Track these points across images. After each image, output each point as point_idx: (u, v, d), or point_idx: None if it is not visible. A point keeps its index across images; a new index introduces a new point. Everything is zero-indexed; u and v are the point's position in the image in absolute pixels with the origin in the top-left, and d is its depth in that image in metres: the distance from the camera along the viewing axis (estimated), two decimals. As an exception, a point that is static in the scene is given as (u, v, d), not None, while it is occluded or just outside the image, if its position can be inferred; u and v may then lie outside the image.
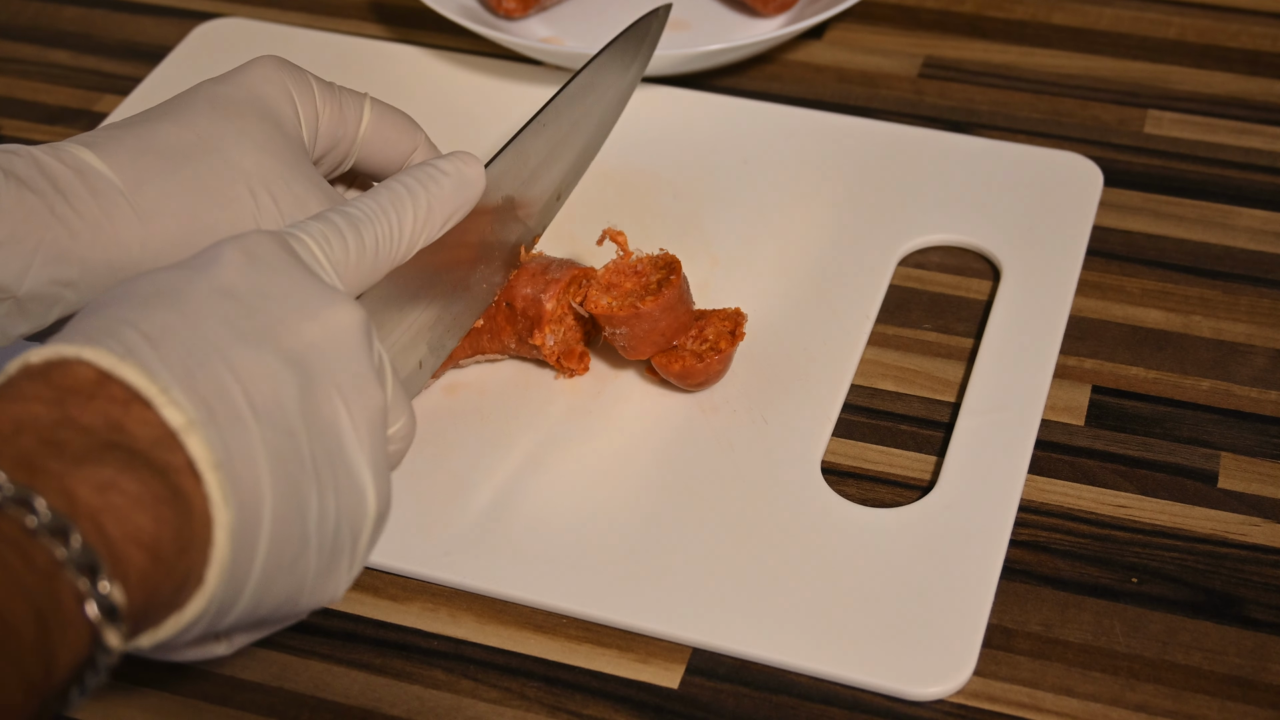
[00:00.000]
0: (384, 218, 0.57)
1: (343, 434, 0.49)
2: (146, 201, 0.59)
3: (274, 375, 0.47)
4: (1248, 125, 0.86)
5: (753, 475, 0.68)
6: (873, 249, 0.78)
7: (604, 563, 0.65)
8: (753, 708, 0.61)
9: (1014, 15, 0.95)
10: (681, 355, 0.69)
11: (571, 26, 0.94)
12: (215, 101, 0.62)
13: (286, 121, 0.63)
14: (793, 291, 0.76)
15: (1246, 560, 0.65)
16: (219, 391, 0.46)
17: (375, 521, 0.51)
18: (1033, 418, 0.69)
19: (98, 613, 0.41)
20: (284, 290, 0.50)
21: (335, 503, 0.49)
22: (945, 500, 0.66)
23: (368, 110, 0.66)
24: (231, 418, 0.45)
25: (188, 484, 0.44)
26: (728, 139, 0.85)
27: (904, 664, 0.61)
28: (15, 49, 0.96)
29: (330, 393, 0.49)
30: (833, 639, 0.62)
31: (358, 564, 0.51)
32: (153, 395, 0.44)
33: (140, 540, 0.42)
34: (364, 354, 0.51)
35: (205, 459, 0.44)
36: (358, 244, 0.55)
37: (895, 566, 0.64)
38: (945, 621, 0.62)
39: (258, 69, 0.64)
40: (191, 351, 0.46)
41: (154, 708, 0.62)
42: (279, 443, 0.46)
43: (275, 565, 0.47)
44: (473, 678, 0.62)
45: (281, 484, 0.46)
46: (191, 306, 0.48)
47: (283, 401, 0.47)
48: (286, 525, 0.47)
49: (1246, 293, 0.76)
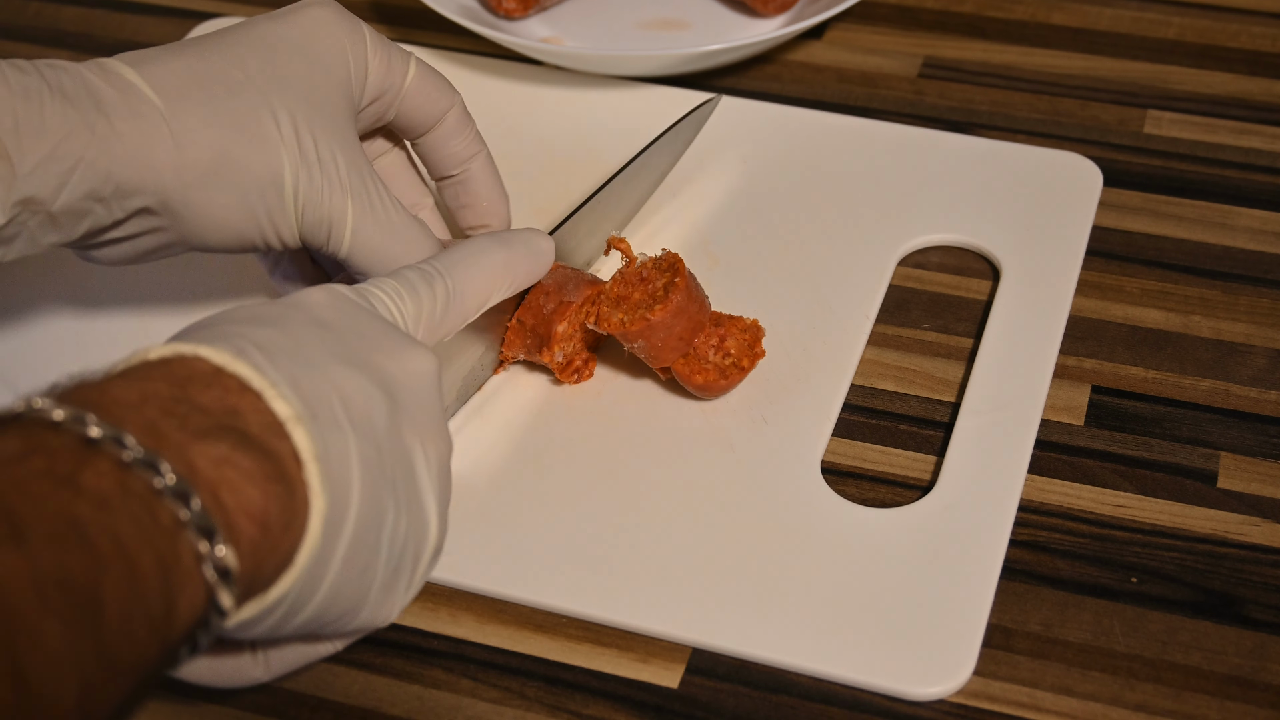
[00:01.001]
0: (455, 274, 0.60)
1: (417, 464, 0.52)
2: (184, 128, 0.61)
3: (367, 393, 0.50)
4: (1248, 125, 0.86)
5: (753, 475, 0.68)
6: (872, 249, 0.78)
7: (604, 562, 0.65)
8: (753, 708, 0.61)
9: (1014, 15, 0.95)
10: (705, 368, 0.69)
11: (571, 27, 0.94)
12: (268, 41, 0.64)
13: (335, 71, 0.65)
14: (792, 291, 0.76)
15: (1246, 560, 0.65)
16: (319, 397, 0.49)
17: (433, 552, 0.53)
18: (1032, 418, 0.69)
19: (214, 573, 0.43)
20: (369, 330, 0.54)
21: (406, 522, 0.51)
22: (945, 500, 0.66)
23: (413, 67, 0.68)
24: (330, 420, 0.48)
25: (291, 469, 0.46)
26: (727, 139, 0.85)
27: (903, 664, 0.61)
28: (15, 49, 0.96)
29: (408, 425, 0.52)
30: (832, 639, 0.62)
31: (414, 588, 0.53)
32: (264, 388, 0.47)
33: (251, 513, 0.44)
34: (436, 399, 0.54)
35: (308, 449, 0.47)
36: (430, 298, 0.58)
37: (895, 567, 0.64)
38: (945, 622, 0.62)
39: (315, 12, 0.66)
40: (295, 361, 0.49)
41: (154, 708, 0.62)
42: (367, 452, 0.49)
43: (350, 566, 0.49)
44: (473, 678, 0.62)
45: (367, 489, 0.49)
46: (292, 329, 0.51)
47: (373, 417, 0.50)
48: (365, 529, 0.49)
49: (1246, 293, 0.76)
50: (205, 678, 0.55)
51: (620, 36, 0.93)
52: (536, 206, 0.81)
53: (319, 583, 0.48)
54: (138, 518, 0.42)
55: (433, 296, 0.58)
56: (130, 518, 0.41)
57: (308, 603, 0.48)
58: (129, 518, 0.41)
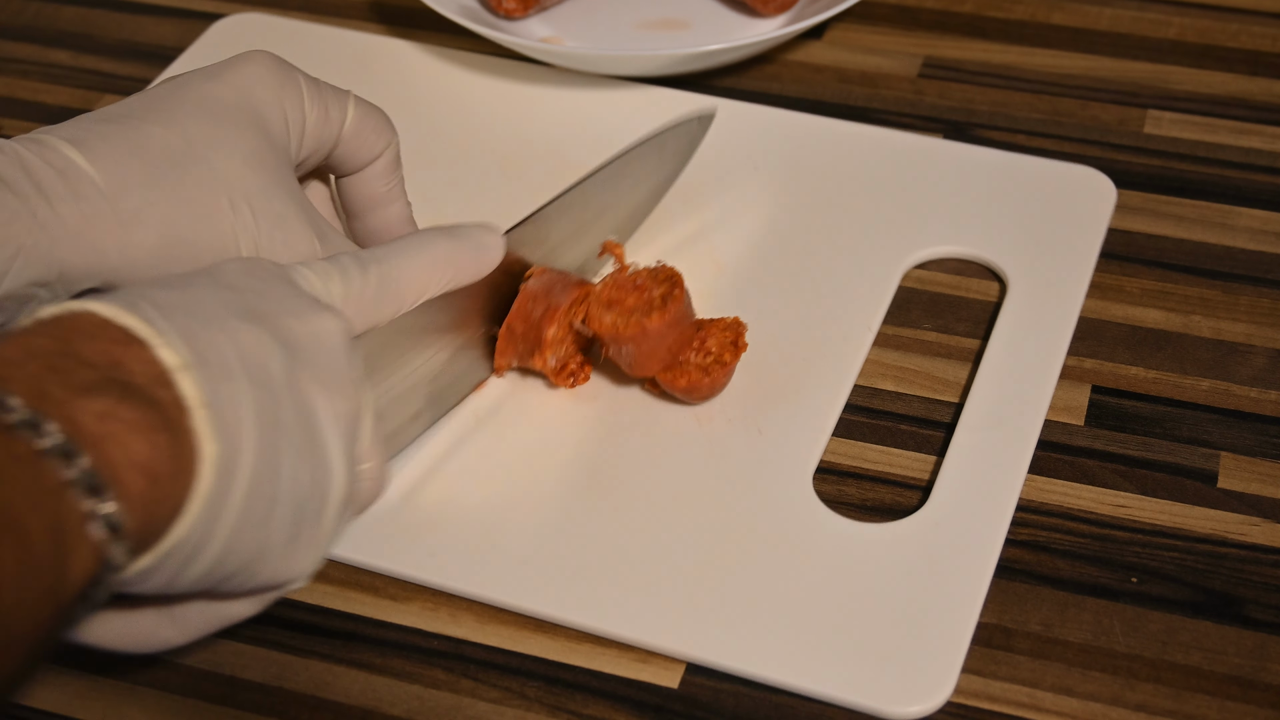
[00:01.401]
0: (392, 260, 0.58)
1: (318, 414, 0.51)
2: (128, 208, 0.60)
3: (263, 345, 0.50)
4: (1248, 125, 0.86)
5: (744, 486, 0.67)
6: (879, 259, 0.77)
7: (593, 572, 0.64)
8: (753, 707, 0.61)
9: (1014, 15, 0.95)
10: (687, 370, 0.68)
11: (571, 26, 0.94)
12: (205, 103, 0.63)
13: (274, 128, 0.64)
14: (795, 301, 0.75)
15: (1246, 560, 0.65)
16: (212, 347, 0.48)
17: (338, 505, 0.52)
18: (1030, 435, 0.69)
19: (104, 531, 0.43)
20: (276, 293, 0.53)
21: (307, 472, 0.50)
22: (936, 516, 0.65)
23: (351, 109, 0.67)
24: (221, 369, 0.48)
25: (179, 418, 0.46)
26: (732, 143, 0.84)
27: (883, 683, 0.60)
28: (15, 49, 0.96)
29: (310, 378, 0.51)
30: (814, 656, 0.61)
31: (318, 546, 0.52)
32: (149, 337, 0.46)
33: (138, 465, 0.44)
34: (345, 359, 0.53)
35: (195, 396, 0.46)
36: (360, 280, 0.57)
37: (881, 584, 0.63)
38: (927, 641, 0.61)
39: (250, 68, 0.64)
40: (191, 314, 0.49)
41: (154, 708, 0.62)
42: (263, 400, 0.49)
43: (247, 515, 0.48)
44: (473, 678, 0.62)
45: (262, 437, 0.48)
46: (195, 290, 0.51)
47: (269, 368, 0.50)
48: (261, 477, 0.48)
49: (1246, 293, 0.76)
50: (116, 643, 0.54)
51: (620, 36, 0.93)
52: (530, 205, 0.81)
53: (214, 530, 0.47)
54: (24, 483, 0.41)
55: (364, 280, 0.57)
56: (17, 484, 0.41)
57: (204, 551, 0.47)
58: (16, 484, 0.41)
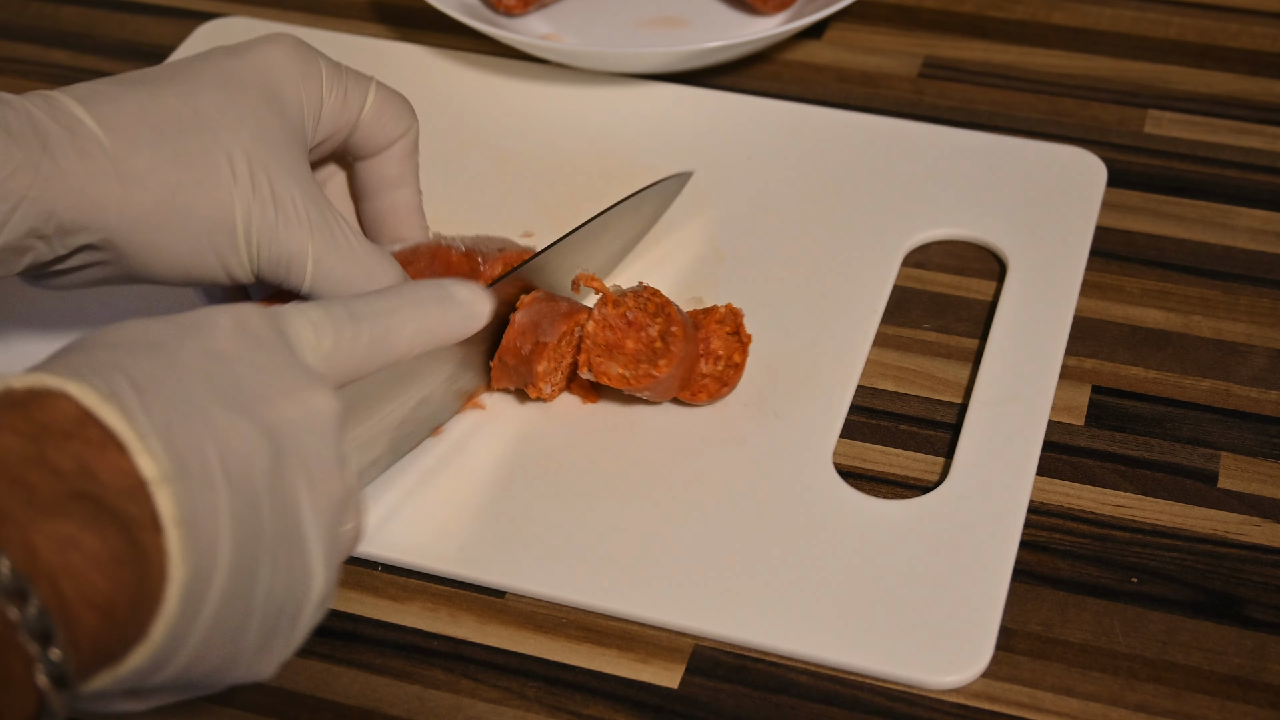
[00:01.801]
0: (385, 322, 0.56)
1: (302, 515, 0.49)
2: (131, 169, 0.60)
3: (249, 443, 0.47)
4: (1248, 125, 0.86)
5: (765, 470, 0.68)
6: (878, 244, 0.78)
7: (618, 558, 0.65)
8: (753, 708, 0.61)
9: (1014, 15, 0.95)
10: (704, 386, 0.69)
11: (571, 24, 0.94)
12: (223, 78, 0.63)
13: (290, 108, 0.64)
14: (799, 286, 0.76)
15: (1246, 560, 0.65)
16: (194, 449, 0.45)
17: (316, 606, 0.50)
18: (1042, 406, 0.70)
19: (46, 680, 0.40)
20: (268, 365, 0.50)
21: (285, 580, 0.48)
22: (958, 490, 0.66)
23: (371, 95, 0.67)
24: (202, 478, 0.45)
25: (148, 538, 0.43)
26: (730, 135, 0.85)
27: (921, 654, 0.61)
28: (15, 49, 0.96)
29: (297, 472, 0.49)
30: (850, 631, 0.62)
31: (292, 645, 0.50)
32: (130, 441, 0.44)
33: (95, 602, 0.41)
34: (333, 442, 0.51)
35: (171, 515, 0.44)
36: (353, 338, 0.54)
37: (909, 558, 0.64)
38: (960, 611, 0.62)
39: (272, 48, 0.65)
40: (174, 404, 0.45)
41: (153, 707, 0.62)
42: (243, 511, 0.46)
43: (217, 631, 0.46)
44: (473, 678, 0.62)
45: (238, 551, 0.46)
46: (179, 361, 0.47)
47: (253, 471, 0.47)
48: (235, 594, 0.46)
49: (1246, 293, 0.76)
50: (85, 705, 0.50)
51: (620, 34, 0.93)
52: (536, 204, 0.81)
53: (179, 650, 0.45)
54: None
55: (355, 339, 0.55)
56: None
57: (167, 665, 0.45)
58: None
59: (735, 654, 0.62)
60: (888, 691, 0.61)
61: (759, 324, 0.72)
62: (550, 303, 0.69)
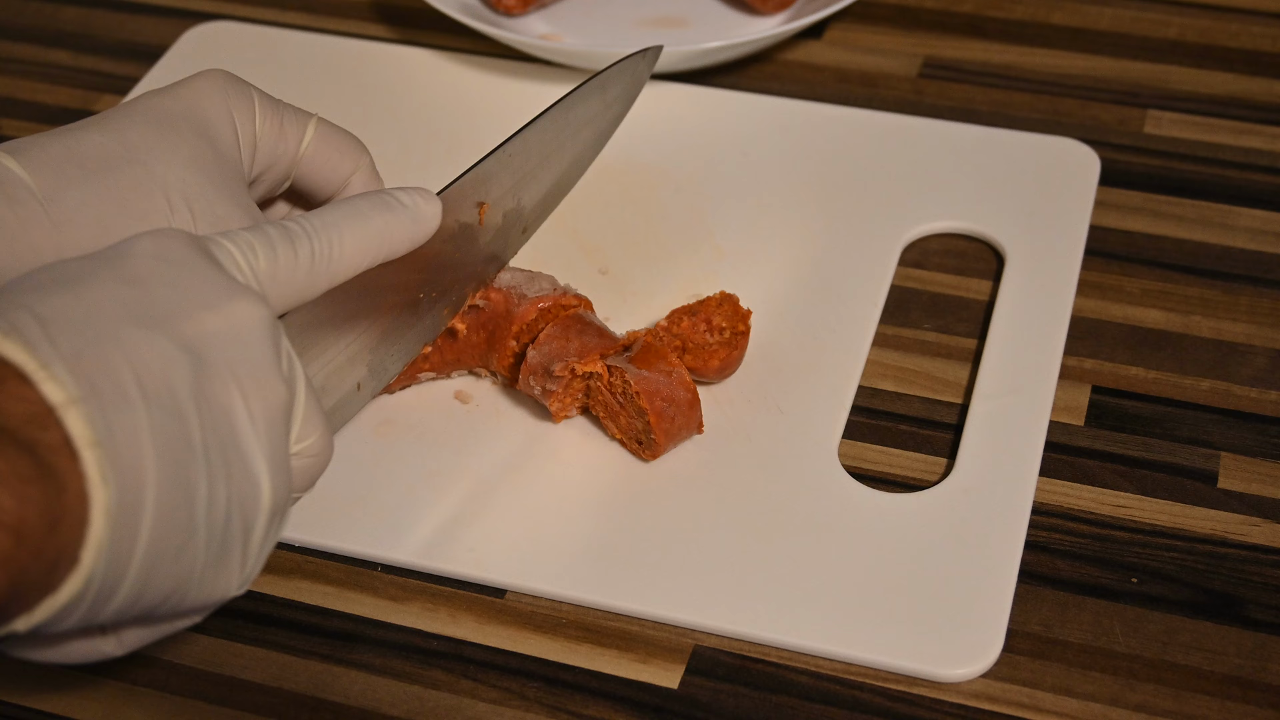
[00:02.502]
0: (324, 235, 0.55)
1: (237, 423, 0.48)
2: (63, 210, 0.59)
3: (166, 358, 0.47)
4: (1248, 125, 0.86)
5: (772, 465, 0.68)
6: (877, 237, 0.79)
7: (627, 554, 0.65)
8: (752, 708, 0.61)
9: (1014, 15, 0.95)
10: (711, 351, 0.70)
11: (571, 24, 0.94)
12: (151, 114, 0.62)
13: (222, 138, 0.63)
14: (799, 281, 0.76)
15: (1246, 560, 0.65)
16: (106, 371, 0.45)
17: (269, 515, 0.50)
18: (1046, 396, 0.70)
19: None
20: (188, 282, 0.50)
21: (226, 491, 0.48)
22: (964, 483, 0.67)
23: (311, 130, 0.66)
24: (117, 397, 0.45)
25: (62, 462, 0.43)
26: (728, 132, 0.85)
27: (931, 647, 0.61)
28: (15, 49, 0.96)
29: (227, 382, 0.48)
30: (859, 624, 0.62)
31: (251, 559, 0.50)
32: (32, 370, 0.44)
33: (2, 521, 0.41)
34: (266, 348, 0.50)
35: (83, 436, 0.43)
36: (289, 256, 0.54)
37: (917, 550, 0.64)
38: (970, 603, 0.63)
39: (201, 83, 0.64)
40: (82, 333, 0.45)
41: (154, 707, 0.62)
42: (167, 426, 0.46)
43: (159, 551, 0.46)
44: (473, 678, 0.62)
45: (167, 467, 0.45)
46: (91, 292, 0.47)
47: (174, 385, 0.47)
48: (171, 510, 0.46)
49: (1246, 293, 0.76)
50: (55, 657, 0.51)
51: (619, 34, 0.93)
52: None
53: (121, 573, 0.45)
54: None
55: (293, 255, 0.54)
56: None
57: (114, 593, 0.45)
58: None
59: (735, 654, 0.62)
60: (887, 692, 0.61)
61: (760, 318, 0.73)
62: (563, 340, 0.68)
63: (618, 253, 0.78)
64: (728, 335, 0.70)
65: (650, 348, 0.68)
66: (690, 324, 0.71)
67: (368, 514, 0.67)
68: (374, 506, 0.67)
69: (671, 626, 0.63)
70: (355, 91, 0.89)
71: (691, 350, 0.70)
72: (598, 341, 0.68)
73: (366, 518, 0.67)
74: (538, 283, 0.70)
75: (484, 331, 0.69)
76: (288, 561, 0.66)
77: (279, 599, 0.65)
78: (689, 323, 0.71)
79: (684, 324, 0.71)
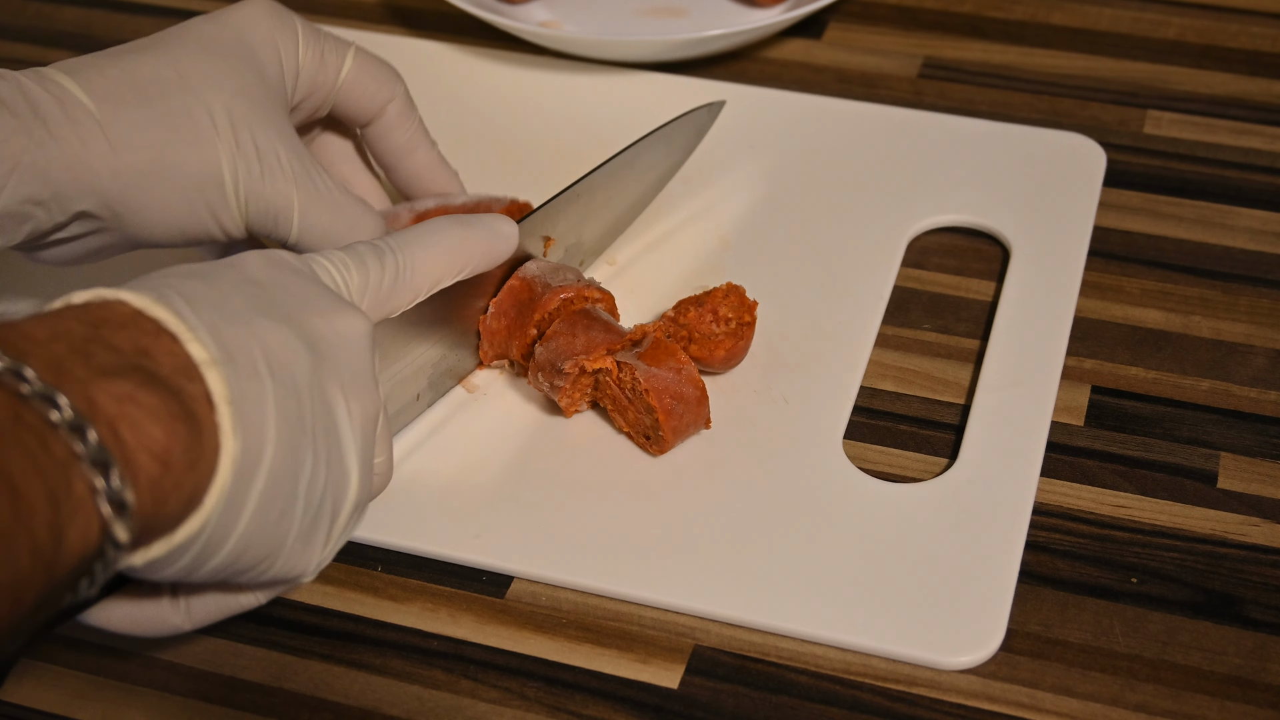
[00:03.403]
0: (410, 251, 0.60)
1: (339, 418, 0.52)
2: (119, 132, 0.62)
3: (289, 346, 0.51)
4: (1248, 125, 0.86)
5: (778, 455, 0.69)
6: (884, 230, 0.79)
7: (631, 541, 0.65)
8: (752, 708, 0.61)
9: (1014, 15, 0.95)
10: (718, 341, 0.70)
11: (570, 12, 0.94)
12: (202, 41, 0.66)
13: (268, 66, 0.67)
14: (804, 273, 0.77)
15: (1246, 560, 0.65)
16: (239, 344, 0.49)
17: (353, 507, 0.53)
18: (1049, 389, 0.70)
19: (109, 507, 0.43)
20: (301, 290, 0.54)
21: (325, 474, 0.51)
22: (968, 473, 0.67)
23: (350, 59, 0.70)
24: (248, 367, 0.49)
25: (202, 410, 0.47)
26: (733, 125, 0.85)
27: (935, 634, 0.62)
28: (15, 49, 0.97)
29: (333, 381, 0.52)
30: (864, 611, 0.63)
31: (333, 542, 0.53)
32: (180, 332, 0.47)
33: (152, 450, 0.45)
34: (367, 359, 0.54)
35: (221, 393, 0.47)
36: (379, 272, 0.58)
37: (921, 539, 0.65)
38: (974, 590, 0.63)
39: (250, 10, 0.67)
40: (219, 311, 0.49)
41: (154, 707, 0.62)
42: (286, 401, 0.50)
43: (265, 513, 0.49)
44: (473, 678, 0.62)
45: (284, 437, 0.49)
46: (222, 283, 0.52)
47: (294, 368, 0.51)
48: (281, 476, 0.49)
49: (1246, 293, 0.76)
50: (125, 626, 0.55)
51: (619, 22, 0.93)
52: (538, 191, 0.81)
53: (232, 526, 0.48)
54: (29, 448, 0.42)
55: (380, 270, 0.59)
56: (20, 447, 0.42)
57: (221, 546, 0.48)
58: (19, 447, 0.42)
59: (735, 654, 0.62)
60: (887, 691, 0.61)
61: (765, 310, 0.73)
62: (570, 336, 0.68)
63: (625, 244, 0.79)
64: (734, 326, 0.70)
65: (660, 344, 0.68)
66: (697, 314, 0.71)
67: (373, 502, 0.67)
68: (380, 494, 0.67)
69: (671, 626, 0.63)
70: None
71: (697, 340, 0.70)
72: (604, 337, 0.68)
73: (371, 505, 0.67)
74: (562, 274, 0.71)
75: (506, 319, 0.70)
76: (288, 561, 0.66)
77: (279, 599, 0.65)
78: (695, 313, 0.71)
79: (690, 314, 0.71)
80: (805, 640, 0.62)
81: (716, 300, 0.71)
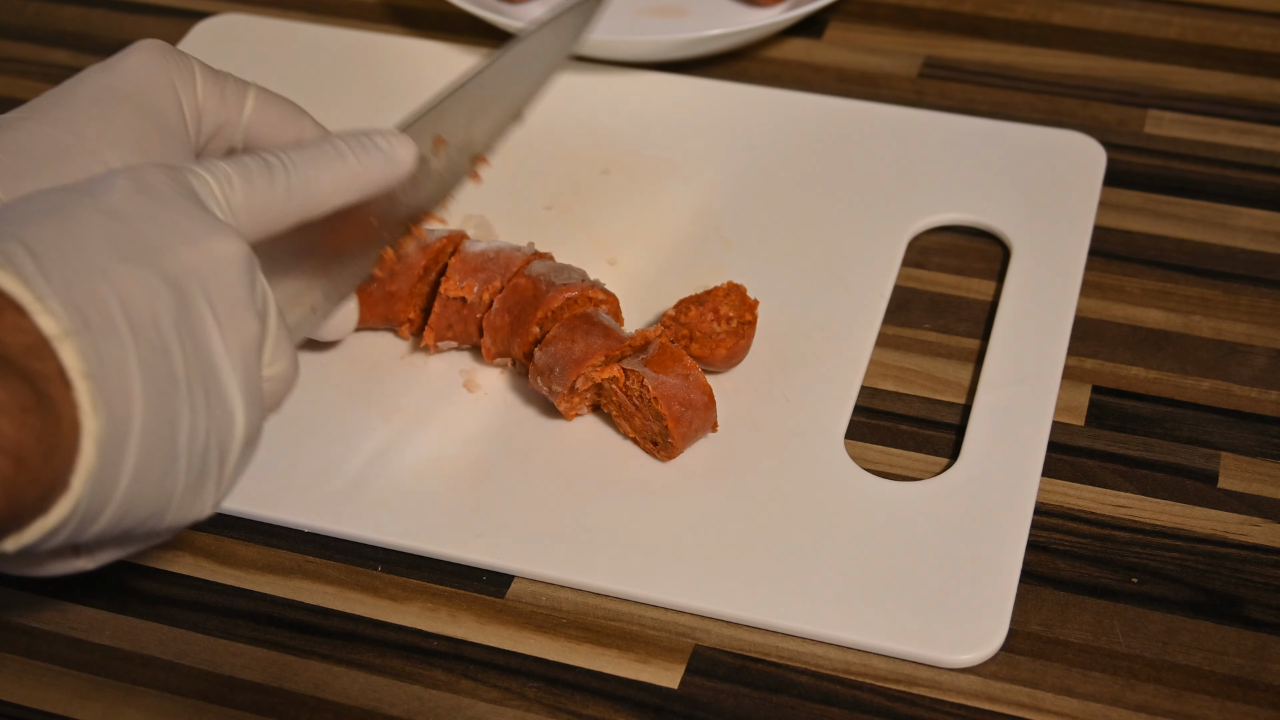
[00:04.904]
0: (303, 170, 0.57)
1: (215, 356, 0.50)
2: None
3: (152, 292, 0.48)
4: (1248, 125, 0.86)
5: (779, 453, 0.69)
6: (883, 229, 0.79)
7: (633, 540, 0.65)
8: (752, 708, 0.61)
9: (1014, 15, 0.95)
10: (719, 340, 0.70)
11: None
12: (96, 98, 0.63)
13: (168, 113, 0.64)
14: (806, 272, 0.77)
15: (1246, 560, 0.65)
16: (96, 304, 0.46)
17: (243, 445, 0.52)
18: (1050, 388, 0.70)
19: None
20: (169, 217, 0.51)
21: (205, 422, 0.50)
22: (969, 471, 0.67)
23: (251, 98, 0.67)
24: (106, 331, 0.46)
25: (57, 392, 0.44)
26: (733, 125, 0.85)
27: (936, 634, 0.62)
28: (15, 49, 0.96)
29: (205, 316, 0.50)
30: (866, 609, 0.63)
31: (224, 486, 0.52)
32: (28, 303, 0.45)
33: (4, 447, 0.43)
34: (242, 285, 0.52)
35: (76, 368, 0.45)
36: (267, 188, 0.56)
37: (923, 538, 0.65)
38: (976, 588, 0.63)
39: (138, 57, 0.65)
40: (72, 265, 0.47)
41: (154, 707, 0.62)
42: (152, 359, 0.48)
43: (143, 478, 0.47)
44: (473, 678, 0.62)
45: (153, 398, 0.47)
46: (76, 224, 0.49)
47: (159, 319, 0.48)
48: (156, 439, 0.48)
49: (1246, 293, 0.76)
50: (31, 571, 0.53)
51: (619, 22, 0.93)
52: (538, 191, 0.82)
53: (107, 497, 0.47)
54: None
55: (270, 188, 0.56)
56: None
57: (99, 515, 0.47)
58: None
59: (735, 654, 0.62)
60: (888, 691, 0.61)
61: (766, 309, 0.73)
62: (569, 341, 0.68)
63: (626, 243, 0.79)
64: (735, 325, 0.71)
65: (666, 350, 0.68)
66: (698, 313, 0.71)
67: (374, 500, 0.67)
68: (381, 493, 0.68)
69: (672, 626, 0.63)
70: (362, 82, 0.90)
71: (699, 339, 0.70)
72: (603, 342, 0.68)
73: (373, 504, 0.67)
74: (566, 274, 0.71)
75: (509, 315, 0.70)
76: (288, 561, 0.66)
77: (279, 599, 0.65)
78: (696, 312, 0.71)
79: (691, 313, 0.71)
80: (806, 639, 0.62)
81: (717, 299, 0.71)
